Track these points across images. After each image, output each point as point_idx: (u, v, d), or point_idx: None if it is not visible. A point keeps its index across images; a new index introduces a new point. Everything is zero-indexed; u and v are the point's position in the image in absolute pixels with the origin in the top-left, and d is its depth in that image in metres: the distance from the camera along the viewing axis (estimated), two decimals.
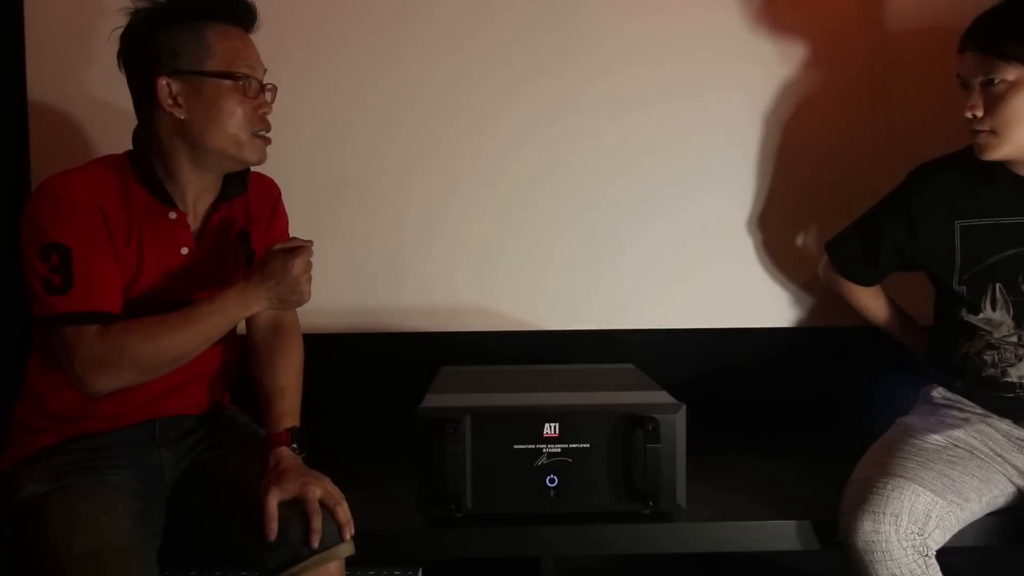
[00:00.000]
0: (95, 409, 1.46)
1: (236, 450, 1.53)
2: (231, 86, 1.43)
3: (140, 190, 1.45)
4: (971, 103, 1.51)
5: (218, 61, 1.42)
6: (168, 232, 1.46)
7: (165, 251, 1.46)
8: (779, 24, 2.03)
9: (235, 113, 1.43)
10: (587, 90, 2.04)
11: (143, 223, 1.44)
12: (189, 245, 1.49)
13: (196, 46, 1.42)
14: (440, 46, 2.03)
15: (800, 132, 2.05)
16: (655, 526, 1.52)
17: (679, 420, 1.50)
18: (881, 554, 1.39)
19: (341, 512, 1.37)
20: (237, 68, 1.43)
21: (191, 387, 1.55)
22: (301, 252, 1.44)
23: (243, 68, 1.44)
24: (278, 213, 1.65)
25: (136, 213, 1.44)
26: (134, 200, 1.44)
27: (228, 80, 1.42)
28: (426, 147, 2.05)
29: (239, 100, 1.43)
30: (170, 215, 1.46)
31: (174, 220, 1.47)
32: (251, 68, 1.46)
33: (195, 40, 1.42)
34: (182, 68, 1.41)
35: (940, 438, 1.57)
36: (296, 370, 1.57)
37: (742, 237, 2.08)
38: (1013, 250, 1.58)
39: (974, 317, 1.61)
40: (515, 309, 2.08)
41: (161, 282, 1.46)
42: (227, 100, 1.43)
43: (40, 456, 1.43)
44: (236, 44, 1.45)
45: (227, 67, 1.42)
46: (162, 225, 1.46)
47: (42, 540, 1.31)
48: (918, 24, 2.03)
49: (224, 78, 1.42)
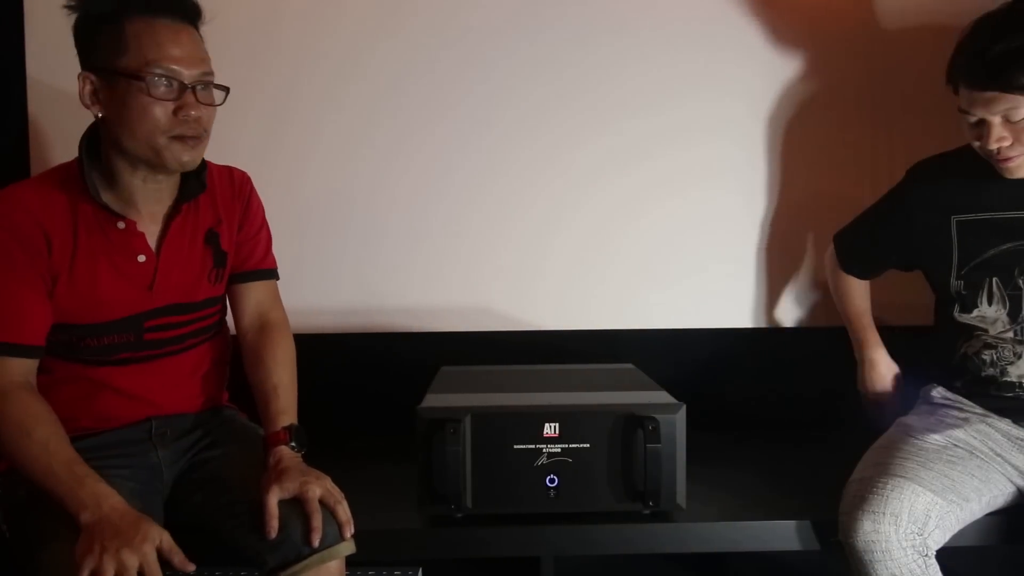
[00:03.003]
0: (89, 409, 1.45)
1: (235, 449, 1.53)
2: (140, 86, 1.33)
3: (86, 202, 1.41)
4: (997, 136, 1.49)
5: (131, 59, 1.33)
6: (120, 242, 1.42)
7: (120, 261, 1.43)
8: (777, 26, 2.03)
9: (145, 115, 1.34)
10: (587, 89, 2.04)
11: (92, 235, 1.41)
12: (146, 252, 1.44)
13: (111, 41, 1.34)
14: (440, 45, 2.03)
15: (800, 132, 2.06)
16: (655, 526, 1.52)
17: (679, 420, 1.50)
18: (881, 554, 1.39)
19: (341, 511, 1.37)
20: (150, 67, 1.33)
21: (186, 385, 1.55)
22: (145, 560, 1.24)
23: (158, 68, 1.33)
24: (252, 207, 1.59)
25: (84, 227, 1.40)
26: (81, 213, 1.40)
27: (138, 80, 1.33)
28: (426, 147, 2.05)
29: (150, 101, 1.34)
30: (119, 224, 1.42)
31: (123, 230, 1.42)
32: (172, 68, 1.34)
33: (114, 35, 1.34)
34: (99, 64, 1.35)
35: (940, 438, 1.57)
36: (288, 367, 1.55)
37: (742, 237, 2.08)
38: (1009, 244, 1.58)
39: (968, 316, 1.61)
40: (515, 309, 2.08)
41: (124, 291, 1.44)
42: (136, 101, 1.34)
43: None
44: (158, 40, 1.34)
45: (139, 66, 1.33)
46: (112, 235, 1.42)
47: (40, 541, 1.30)
48: (917, 25, 2.03)
49: (133, 78, 1.33)
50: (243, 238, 1.58)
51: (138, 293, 1.45)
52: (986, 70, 1.44)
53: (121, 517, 1.26)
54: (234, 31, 1.96)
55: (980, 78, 1.46)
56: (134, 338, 1.46)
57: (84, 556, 1.21)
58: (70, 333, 1.42)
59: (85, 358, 1.45)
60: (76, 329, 1.42)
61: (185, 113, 1.36)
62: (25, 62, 1.98)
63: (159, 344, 1.49)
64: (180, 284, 1.49)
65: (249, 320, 1.59)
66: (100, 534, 1.23)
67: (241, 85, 1.95)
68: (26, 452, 1.31)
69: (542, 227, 2.07)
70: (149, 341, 1.48)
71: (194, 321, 1.52)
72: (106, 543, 1.22)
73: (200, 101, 1.38)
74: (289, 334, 1.60)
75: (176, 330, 1.50)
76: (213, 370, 1.59)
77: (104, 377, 1.46)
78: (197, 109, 1.38)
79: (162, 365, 1.50)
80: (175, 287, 1.48)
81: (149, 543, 1.24)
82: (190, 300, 1.51)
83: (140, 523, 1.26)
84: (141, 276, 1.45)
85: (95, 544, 1.22)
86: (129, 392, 1.47)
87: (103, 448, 1.45)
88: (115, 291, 1.43)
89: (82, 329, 1.42)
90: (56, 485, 1.29)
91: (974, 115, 1.50)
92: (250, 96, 1.98)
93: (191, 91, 1.37)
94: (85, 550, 1.22)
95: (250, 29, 1.99)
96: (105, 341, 1.44)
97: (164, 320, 1.48)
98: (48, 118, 1.99)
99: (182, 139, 1.38)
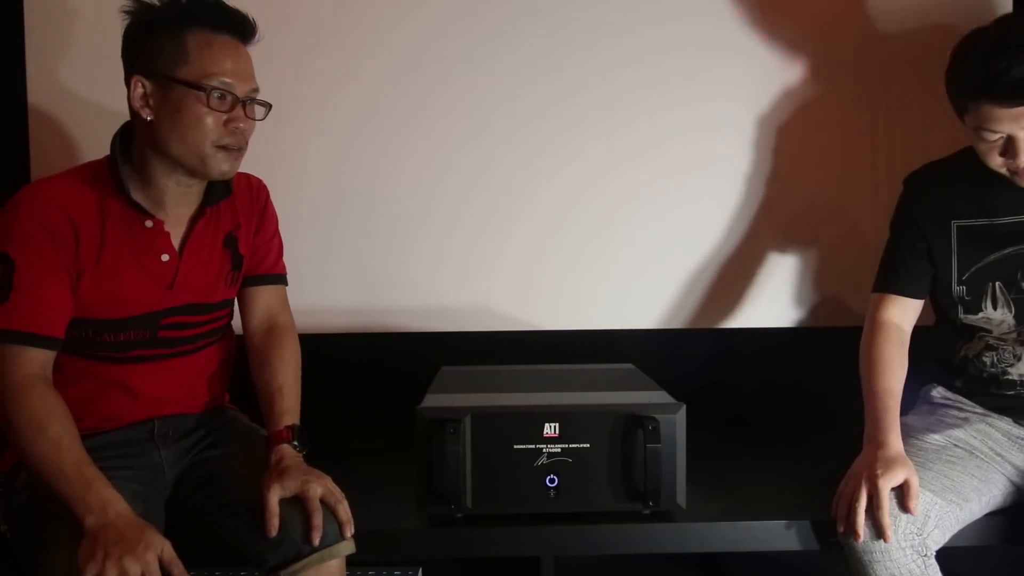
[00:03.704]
0: (95, 409, 1.46)
1: (236, 449, 1.54)
2: (198, 96, 1.40)
3: (115, 199, 1.44)
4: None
5: (191, 69, 1.39)
6: (146, 240, 1.46)
7: (145, 259, 1.46)
8: (776, 27, 2.04)
9: (198, 123, 1.40)
10: (588, 88, 2.04)
11: (119, 232, 1.44)
12: (170, 252, 1.48)
13: (174, 50, 1.40)
14: (439, 44, 2.03)
15: (799, 133, 2.05)
16: (655, 526, 1.52)
17: (679, 420, 1.50)
18: (880, 554, 1.39)
19: (342, 510, 1.38)
20: (209, 79, 1.40)
21: (193, 385, 1.56)
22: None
23: (216, 80, 1.40)
24: (267, 214, 1.64)
25: (112, 223, 1.43)
26: (110, 210, 1.44)
27: (197, 90, 1.39)
28: (426, 146, 2.05)
29: (205, 111, 1.40)
30: (146, 223, 1.45)
31: (150, 228, 1.46)
32: (228, 81, 1.41)
33: (175, 44, 1.40)
34: (156, 70, 1.40)
35: (940, 438, 1.57)
36: (293, 369, 1.58)
37: (742, 237, 2.08)
38: (1011, 248, 1.58)
39: (973, 317, 1.61)
40: (515, 309, 2.08)
41: (146, 289, 1.46)
42: (191, 109, 1.40)
43: None
44: (217, 54, 1.41)
45: (198, 77, 1.39)
46: (139, 233, 1.45)
47: (43, 543, 1.31)
48: (916, 25, 2.03)
49: (192, 88, 1.39)
50: (257, 243, 1.61)
51: (159, 291, 1.47)
52: (1013, 85, 1.40)
53: (126, 524, 1.26)
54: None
55: (1008, 94, 1.42)
56: (149, 335, 1.48)
57: (87, 561, 1.21)
58: (88, 328, 1.44)
59: (99, 354, 1.46)
60: (95, 324, 1.44)
61: (235, 125, 1.43)
62: (25, 62, 1.98)
63: (172, 343, 1.51)
64: (199, 285, 1.51)
65: (257, 323, 1.62)
66: (104, 540, 1.23)
67: None
68: (38, 448, 1.31)
69: (542, 227, 2.07)
70: (163, 339, 1.49)
71: (208, 322, 1.55)
72: (109, 549, 1.22)
73: (247, 115, 1.45)
74: (296, 338, 1.63)
75: (190, 330, 1.52)
76: (219, 371, 1.61)
77: (115, 376, 1.48)
78: (245, 122, 1.45)
79: (173, 365, 1.52)
80: (194, 287, 1.51)
81: (152, 552, 1.24)
82: (207, 301, 1.53)
83: (144, 531, 1.26)
84: (163, 275, 1.47)
85: (98, 550, 1.22)
86: (138, 392, 1.49)
87: (106, 448, 1.45)
88: (137, 288, 1.45)
89: (101, 324, 1.44)
90: (65, 486, 1.29)
91: (997, 132, 1.46)
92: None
93: (242, 105, 1.44)
94: (88, 555, 1.22)
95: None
96: (121, 337, 1.46)
97: (180, 319, 1.50)
98: (48, 118, 1.99)
99: (227, 149, 1.44)
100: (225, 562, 1.53)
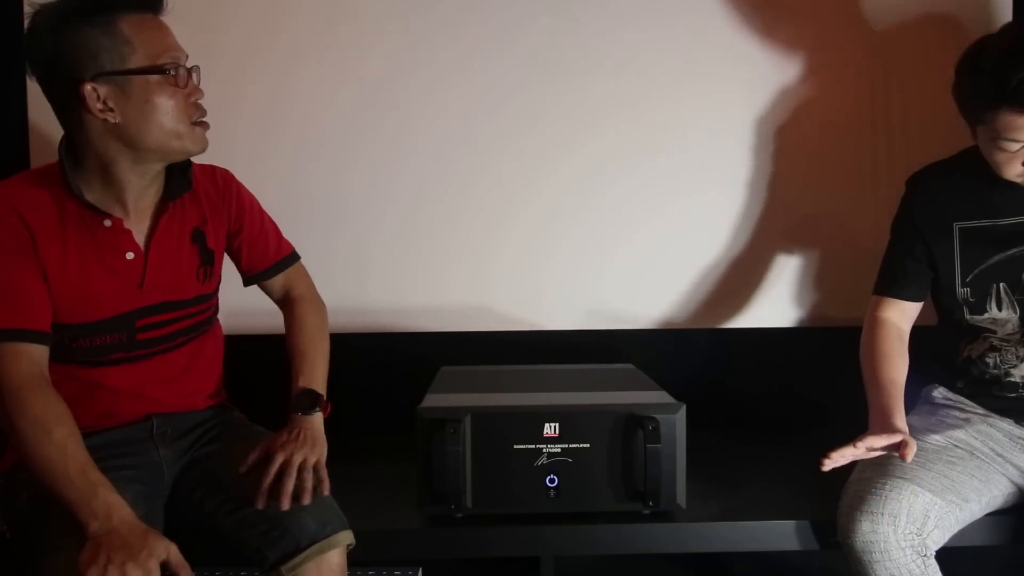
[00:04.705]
0: (86, 407, 1.45)
1: (235, 447, 1.52)
2: (160, 80, 1.35)
3: (71, 201, 1.40)
4: None
5: (141, 56, 1.34)
6: (107, 240, 1.42)
7: (109, 259, 1.43)
8: (775, 27, 2.03)
9: (169, 107, 1.36)
10: (588, 89, 2.04)
11: (80, 234, 1.41)
12: (134, 249, 1.44)
13: (113, 43, 1.33)
14: (438, 43, 2.02)
15: (799, 132, 2.05)
16: (655, 526, 1.52)
17: (679, 420, 1.50)
18: (879, 554, 1.39)
19: (307, 477, 1.38)
20: (162, 59, 1.35)
21: (180, 382, 1.54)
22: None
23: (167, 58, 1.36)
24: (243, 204, 1.59)
25: (71, 226, 1.40)
26: (68, 212, 1.40)
27: (156, 75, 1.35)
28: (425, 146, 2.04)
29: (171, 93, 1.36)
30: (104, 223, 1.41)
31: (109, 227, 1.41)
32: (175, 55, 1.37)
33: (111, 37, 1.33)
34: (104, 70, 1.33)
35: (940, 438, 1.57)
36: (310, 336, 1.59)
37: (742, 237, 2.08)
38: (1014, 250, 1.58)
39: (979, 318, 1.61)
40: (515, 309, 2.08)
41: (116, 289, 1.44)
42: (158, 95, 1.35)
43: None
44: (155, 34, 1.36)
45: (152, 60, 1.34)
46: (99, 234, 1.41)
47: (44, 546, 1.30)
48: (917, 25, 2.03)
49: (151, 73, 1.34)
50: (249, 238, 1.59)
51: (129, 291, 1.45)
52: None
53: (130, 530, 1.25)
54: (229, 31, 1.97)
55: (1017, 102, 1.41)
56: (126, 338, 1.46)
57: (88, 566, 1.21)
58: (62, 334, 1.41)
59: (78, 359, 1.44)
60: (68, 329, 1.41)
61: (196, 97, 1.41)
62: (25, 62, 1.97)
63: (151, 343, 1.49)
64: (170, 282, 1.49)
65: (276, 294, 1.68)
66: (107, 545, 1.23)
67: (237, 83, 1.98)
68: (43, 452, 1.30)
69: (542, 227, 2.07)
70: (141, 341, 1.48)
71: (184, 318, 1.52)
72: (112, 555, 1.21)
73: (198, 85, 1.43)
74: (314, 303, 1.66)
75: (167, 328, 1.50)
76: (207, 368, 1.59)
77: (97, 377, 1.46)
78: (199, 92, 1.42)
79: (155, 363, 1.50)
80: (165, 285, 1.48)
81: (155, 559, 1.24)
82: (180, 298, 1.51)
83: (147, 537, 1.26)
84: (131, 274, 1.45)
85: (100, 555, 1.22)
86: (124, 390, 1.47)
87: (106, 447, 1.44)
88: (107, 289, 1.43)
89: (74, 329, 1.42)
90: (69, 491, 1.28)
91: (1020, 141, 1.45)
92: (246, 94, 1.98)
93: (191, 76, 1.41)
94: (90, 560, 1.21)
95: (246, 29, 1.99)
96: (97, 342, 1.44)
97: (155, 318, 1.48)
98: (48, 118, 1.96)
99: (202, 124, 1.42)
100: (225, 562, 1.53)
